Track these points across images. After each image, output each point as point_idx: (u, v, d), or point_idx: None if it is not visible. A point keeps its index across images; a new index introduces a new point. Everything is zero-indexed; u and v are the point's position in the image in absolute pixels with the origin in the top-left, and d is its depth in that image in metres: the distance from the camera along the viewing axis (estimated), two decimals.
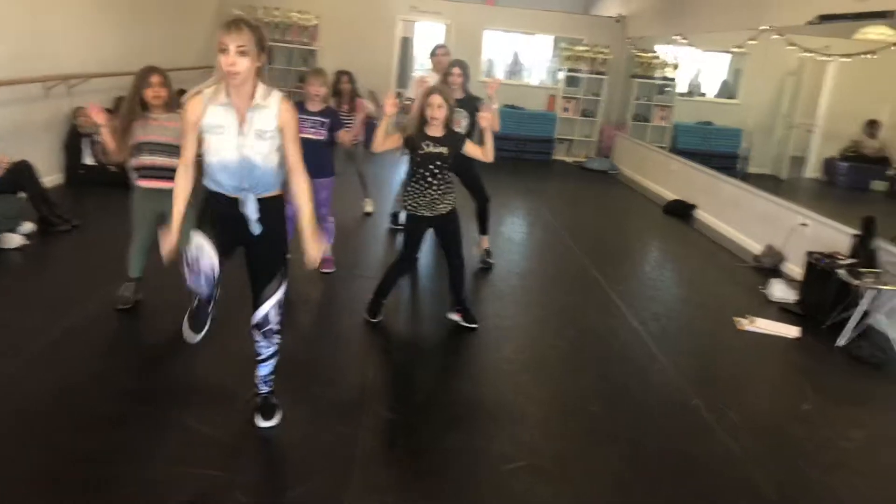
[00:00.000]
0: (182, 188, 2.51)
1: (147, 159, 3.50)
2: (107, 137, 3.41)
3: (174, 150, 3.32)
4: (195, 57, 9.50)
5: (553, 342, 3.97)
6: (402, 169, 8.58)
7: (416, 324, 4.11)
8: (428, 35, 14.45)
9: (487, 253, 5.22)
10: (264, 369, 2.77)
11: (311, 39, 10.64)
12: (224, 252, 2.40)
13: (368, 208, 6.45)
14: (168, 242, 2.48)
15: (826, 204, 6.11)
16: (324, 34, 10.71)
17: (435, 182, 3.66)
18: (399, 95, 5.83)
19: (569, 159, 11.21)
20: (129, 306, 3.70)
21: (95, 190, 6.21)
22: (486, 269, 5.09)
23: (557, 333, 4.09)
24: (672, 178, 8.79)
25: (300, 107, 4.42)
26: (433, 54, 5.71)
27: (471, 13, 11.26)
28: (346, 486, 2.46)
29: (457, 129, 4.45)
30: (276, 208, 2.54)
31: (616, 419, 3.17)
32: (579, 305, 4.61)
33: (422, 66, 14.91)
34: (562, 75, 11.21)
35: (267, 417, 2.77)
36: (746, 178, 8.01)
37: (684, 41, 9.62)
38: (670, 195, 8.49)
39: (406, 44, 13.04)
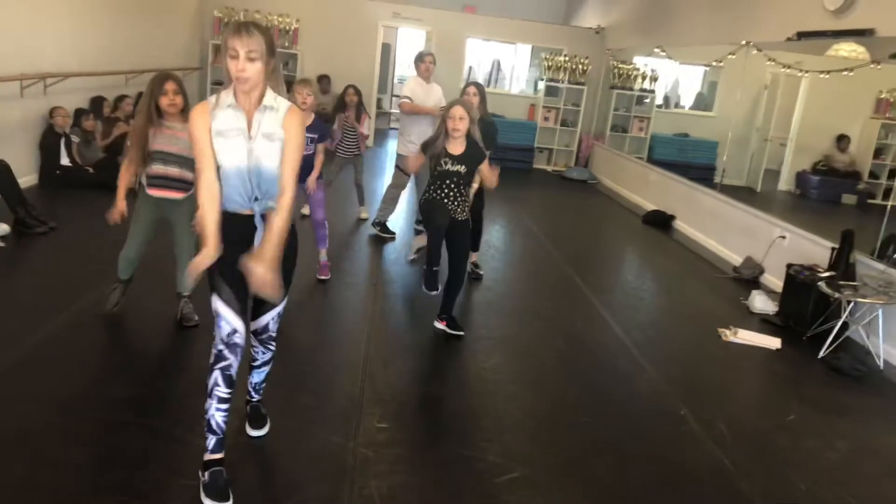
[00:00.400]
0: (211, 206, 2.25)
1: (160, 168, 3.38)
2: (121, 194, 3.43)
3: (186, 161, 3.31)
4: (175, 57, 9.38)
5: (541, 352, 3.97)
6: (386, 179, 8.57)
7: (406, 333, 4.09)
8: (409, 42, 14.47)
9: (476, 265, 5.21)
10: (258, 376, 2.72)
11: (292, 43, 10.57)
12: (243, 297, 2.33)
13: (363, 214, 6.49)
14: (200, 266, 2.23)
15: (799, 216, 6.24)
16: (304, 38, 10.65)
17: (451, 195, 3.68)
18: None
19: (549, 168, 11.28)
20: (116, 308, 3.63)
21: (72, 191, 6.07)
22: (476, 278, 5.07)
23: (545, 343, 4.10)
24: (651, 189, 8.89)
25: None
26: (421, 60, 5.71)
27: (452, 21, 11.29)
28: (341, 498, 2.43)
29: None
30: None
31: (606, 429, 3.18)
32: (565, 315, 4.63)
33: (401, 79, 14.93)
34: (542, 85, 11.29)
35: (258, 427, 2.74)
36: (722, 190, 8.12)
37: (663, 53, 9.76)
38: (649, 205, 8.59)
39: (387, 50, 13.02)
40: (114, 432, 2.67)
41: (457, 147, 3.68)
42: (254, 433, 2.72)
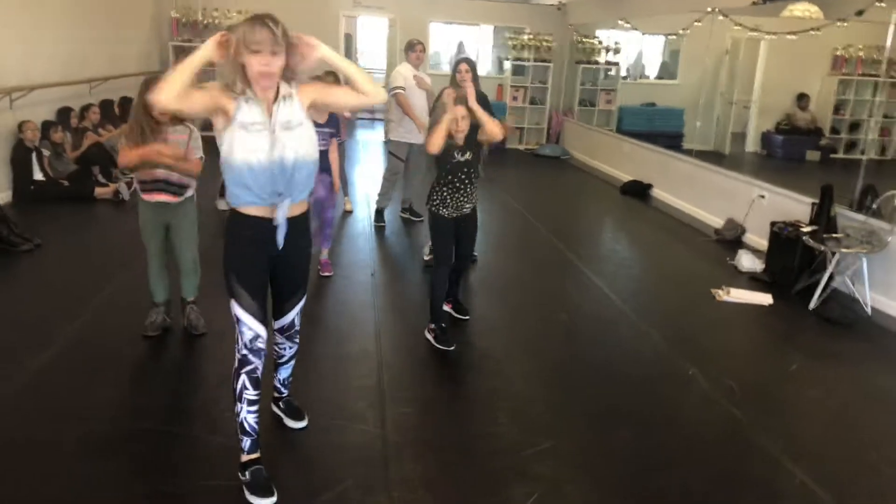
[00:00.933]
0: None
1: (156, 172, 3.33)
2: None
3: (166, 157, 3.26)
4: (136, 62, 9.19)
5: (545, 326, 4.04)
6: (373, 166, 8.54)
7: (413, 321, 4.11)
8: (370, 31, 14.36)
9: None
10: (285, 372, 2.74)
11: None
12: (263, 302, 2.34)
13: (349, 207, 6.45)
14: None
15: (769, 176, 6.39)
16: None
17: (463, 186, 3.63)
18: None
19: (521, 147, 11.35)
20: (158, 333, 3.53)
21: (48, 206, 5.94)
22: (472, 261, 5.11)
23: (548, 318, 4.17)
24: (625, 160, 9.01)
25: None
26: (412, 49, 5.71)
27: (414, 6, 11.23)
28: (381, 483, 2.46)
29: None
30: (305, 219, 2.41)
31: (621, 396, 3.26)
32: (562, 288, 4.71)
33: (362, 55, 14.81)
34: (508, 65, 11.32)
35: (299, 418, 2.78)
36: (692, 155, 8.25)
37: (628, 25, 9.85)
38: (625, 176, 8.71)
39: (348, 41, 12.91)
40: (138, 440, 2.66)
41: (462, 137, 3.57)
42: (296, 425, 2.77)
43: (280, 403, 2.81)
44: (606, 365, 3.59)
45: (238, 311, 2.29)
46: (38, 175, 6.13)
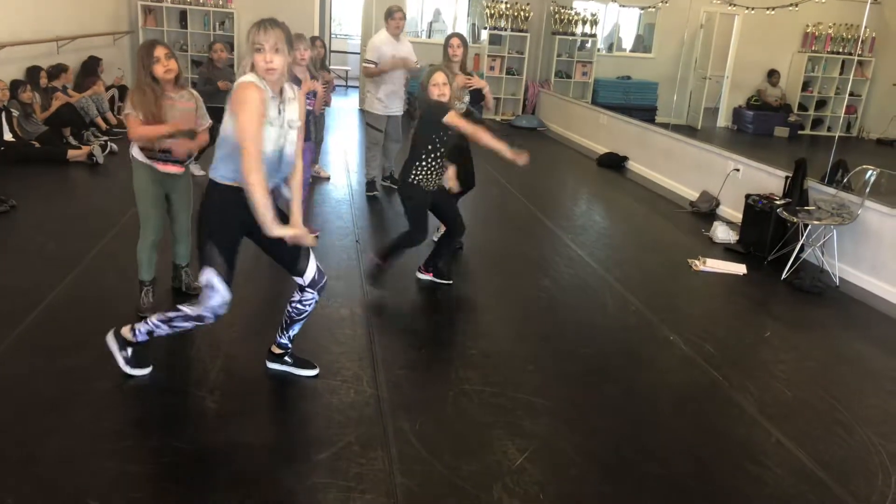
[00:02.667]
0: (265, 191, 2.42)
1: (164, 142, 3.21)
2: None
3: (188, 132, 3.25)
4: (105, 22, 8.93)
5: (531, 293, 4.12)
6: (348, 133, 8.47)
7: (399, 285, 4.14)
8: None
9: None
10: (297, 327, 2.87)
11: (227, 2, 10.17)
12: (233, 265, 2.56)
13: (324, 174, 6.42)
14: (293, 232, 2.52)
15: (740, 150, 6.54)
16: None
17: (439, 164, 3.70)
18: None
19: (497, 118, 11.35)
20: (150, 308, 3.35)
21: (19, 167, 5.79)
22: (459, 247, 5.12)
23: (533, 285, 4.25)
24: (601, 132, 9.10)
25: (293, 78, 4.42)
26: (390, 16, 5.63)
27: None
28: (379, 438, 2.52)
29: (459, 106, 4.57)
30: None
31: (607, 359, 3.37)
32: (544, 257, 4.79)
33: (340, 25, 14.58)
34: (485, 34, 11.26)
35: (310, 367, 2.93)
36: (665, 129, 8.36)
37: None
38: (601, 148, 8.80)
39: (322, 5, 12.65)
40: (139, 403, 2.67)
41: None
42: (310, 373, 2.92)
43: (287, 358, 2.92)
44: (590, 329, 3.70)
45: (213, 277, 2.49)
46: (7, 136, 5.96)
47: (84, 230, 4.46)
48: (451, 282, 4.08)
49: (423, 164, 3.66)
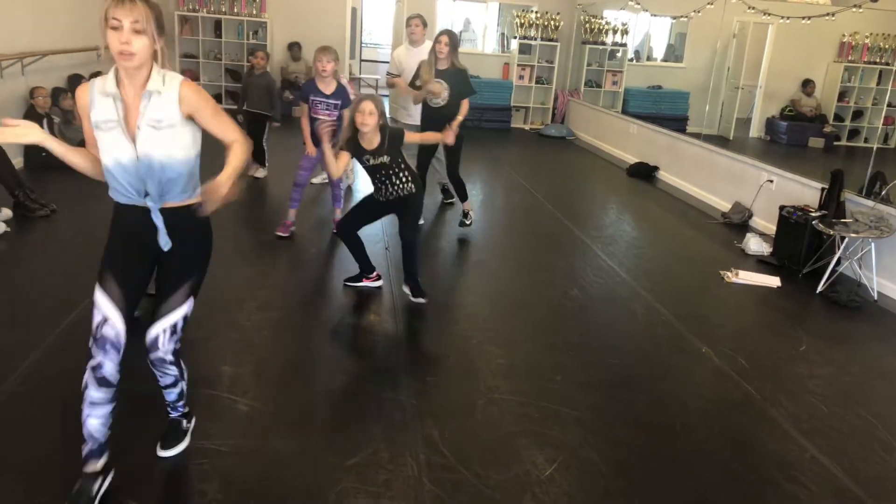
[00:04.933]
0: (83, 152, 2.12)
1: None
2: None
3: None
4: None
5: (560, 302, 4.10)
6: None
7: (428, 291, 4.16)
8: (375, 5, 14.25)
9: (465, 214, 5.36)
10: (169, 396, 2.39)
11: (261, 11, 10.34)
12: (137, 292, 2.16)
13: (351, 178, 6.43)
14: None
15: (773, 161, 6.43)
16: (273, 6, 10.41)
17: (389, 183, 3.71)
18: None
19: (526, 127, 11.35)
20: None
21: (59, 173, 5.90)
22: (462, 226, 5.30)
23: (563, 294, 4.23)
24: (631, 142, 9.04)
25: (313, 88, 4.56)
26: (406, 24, 5.68)
27: None
28: (406, 444, 2.53)
29: (436, 101, 4.87)
30: (191, 220, 2.16)
31: (636, 369, 3.33)
32: (573, 266, 4.77)
33: (370, 34, 14.73)
34: (515, 43, 11.28)
35: (165, 445, 2.40)
36: (696, 139, 8.28)
37: (638, 6, 9.83)
38: (631, 158, 8.74)
39: (353, 15, 12.81)
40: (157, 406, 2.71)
41: (372, 141, 3.60)
42: (161, 453, 2.38)
43: (169, 420, 2.46)
44: (620, 339, 3.67)
45: (97, 293, 2.09)
46: None
47: None
48: (424, 300, 3.87)
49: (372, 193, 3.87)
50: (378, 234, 5.09)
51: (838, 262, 4.66)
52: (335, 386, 2.92)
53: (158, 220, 2.10)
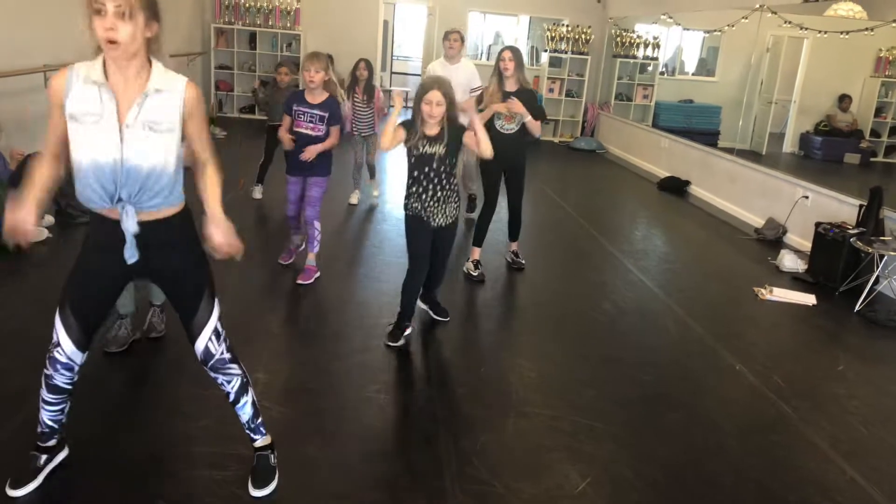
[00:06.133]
0: (40, 175, 1.97)
1: None
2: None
3: None
4: (179, 43, 9.33)
5: (592, 316, 4.08)
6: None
7: (454, 300, 4.17)
8: (407, 18, 14.39)
9: (516, 254, 4.83)
10: (241, 415, 2.26)
11: (294, 24, 10.51)
12: (97, 321, 2.08)
13: (375, 192, 6.28)
14: (14, 219, 1.89)
15: (807, 177, 6.34)
16: (306, 18, 10.58)
17: (434, 185, 3.29)
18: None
19: (555, 140, 11.34)
20: (124, 348, 3.10)
21: None
22: (517, 269, 4.76)
23: (593, 308, 4.20)
24: (663, 156, 8.98)
25: (299, 97, 3.98)
26: (444, 38, 5.68)
27: None
28: (440, 457, 2.53)
29: (508, 127, 4.36)
30: (178, 232, 2.03)
31: (669, 386, 3.30)
32: (605, 280, 4.74)
33: (400, 47, 14.87)
34: (545, 56, 11.30)
35: (257, 485, 2.25)
36: (729, 154, 8.18)
37: (671, 20, 9.79)
38: (661, 172, 8.68)
39: (385, 28, 12.95)
40: (192, 419, 2.75)
41: (433, 128, 3.26)
42: (253, 492, 2.23)
43: (255, 455, 2.32)
44: (652, 354, 3.63)
45: (56, 317, 2.03)
46: None
47: None
48: (447, 319, 3.74)
49: (408, 188, 3.38)
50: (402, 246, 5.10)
51: (876, 281, 4.56)
52: (366, 395, 2.93)
53: (131, 227, 1.90)
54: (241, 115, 10.68)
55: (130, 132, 1.84)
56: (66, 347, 2.02)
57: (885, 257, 4.50)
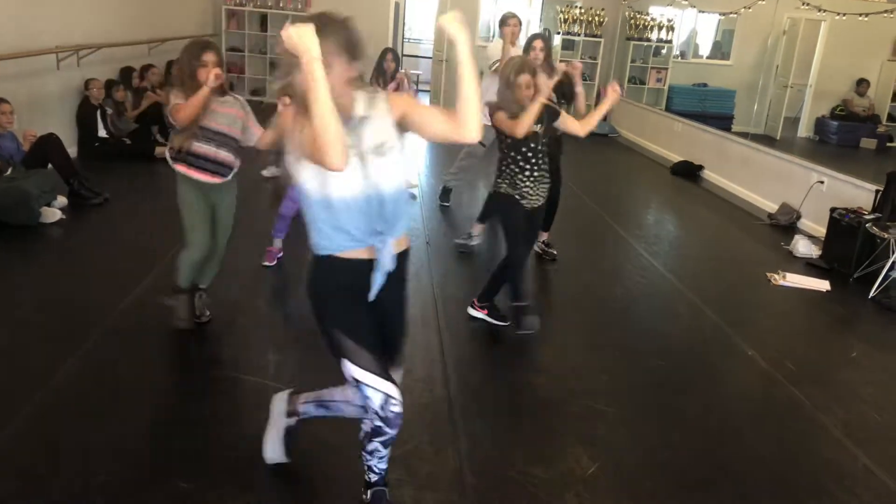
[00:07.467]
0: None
1: (205, 148, 2.91)
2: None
3: (226, 140, 2.96)
4: (192, 25, 9.31)
5: (604, 302, 4.07)
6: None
7: (468, 288, 4.16)
8: (418, 1, 14.27)
9: (547, 244, 4.70)
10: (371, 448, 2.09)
11: (305, 6, 10.44)
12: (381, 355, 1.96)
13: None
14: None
15: (823, 161, 6.25)
16: (317, 2, 10.50)
17: (528, 168, 3.30)
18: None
19: None
20: (188, 324, 3.11)
21: (111, 162, 6.10)
22: (550, 259, 4.63)
23: (605, 293, 4.19)
24: (676, 140, 8.90)
25: None
26: (504, 24, 5.43)
27: None
28: (453, 440, 2.55)
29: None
30: (407, 264, 2.02)
31: (681, 371, 3.29)
32: (617, 265, 4.73)
33: (411, 30, 14.76)
34: (558, 39, 11.18)
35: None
36: (745, 138, 8.09)
37: (685, 3, 9.66)
38: (674, 157, 8.60)
39: (397, 10, 12.85)
40: (202, 396, 2.78)
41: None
42: None
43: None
44: (665, 340, 3.63)
45: (354, 371, 1.88)
46: (102, 132, 6.29)
47: (170, 223, 4.63)
48: (506, 323, 3.54)
49: (501, 171, 3.38)
50: (419, 228, 5.11)
51: (892, 267, 4.52)
52: None
53: (388, 261, 1.85)
54: (252, 97, 10.66)
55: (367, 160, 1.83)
56: (396, 395, 1.91)
57: None
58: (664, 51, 11.30)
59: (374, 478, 2.10)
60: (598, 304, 4.02)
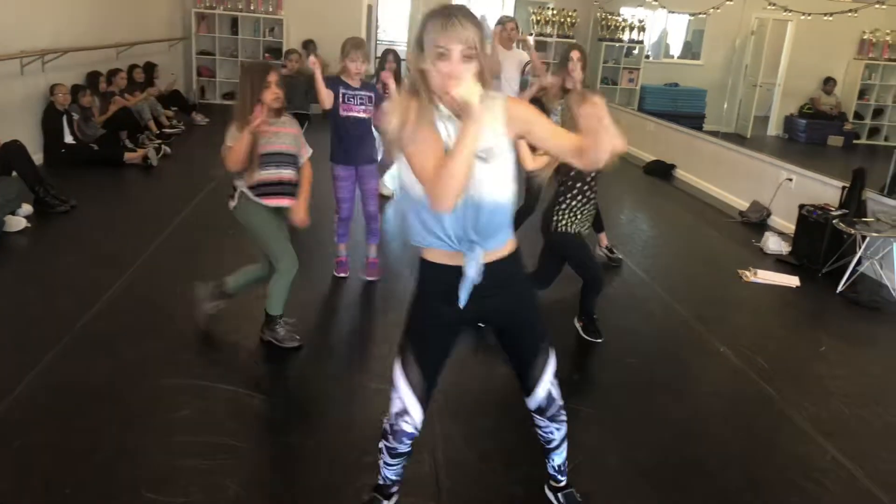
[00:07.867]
0: None
1: (274, 174, 2.96)
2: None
3: (284, 158, 3.00)
4: (162, 28, 9.22)
5: (576, 301, 4.06)
6: None
7: None
8: (390, 2, 14.24)
9: (610, 249, 4.75)
10: (558, 457, 2.19)
11: (276, 9, 10.37)
12: (437, 376, 1.95)
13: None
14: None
15: (792, 159, 6.35)
16: (288, 3, 10.44)
17: (593, 194, 3.29)
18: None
19: None
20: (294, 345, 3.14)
21: (78, 169, 6.00)
22: (616, 265, 4.68)
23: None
24: (648, 140, 8.98)
25: (342, 82, 3.75)
26: (503, 28, 5.32)
27: None
28: (430, 441, 2.54)
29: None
30: (515, 273, 1.92)
31: (655, 369, 3.32)
32: None
33: (384, 31, 14.73)
34: (531, 40, 11.23)
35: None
36: (714, 137, 8.19)
37: (655, 3, 9.76)
38: (648, 156, 8.68)
39: (370, 11, 12.82)
40: (180, 406, 2.73)
41: None
42: None
43: (558, 495, 2.24)
44: (637, 338, 3.65)
45: (399, 376, 1.89)
46: (68, 138, 6.18)
47: (139, 230, 4.59)
48: (600, 339, 3.50)
49: (565, 206, 3.29)
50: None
51: (859, 262, 4.60)
52: (356, 385, 2.92)
53: (475, 272, 1.75)
54: (223, 102, 10.55)
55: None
56: (415, 415, 1.89)
57: (867, 239, 4.54)
58: (636, 51, 11.41)
59: (378, 479, 2.13)
60: (569, 303, 4.01)
